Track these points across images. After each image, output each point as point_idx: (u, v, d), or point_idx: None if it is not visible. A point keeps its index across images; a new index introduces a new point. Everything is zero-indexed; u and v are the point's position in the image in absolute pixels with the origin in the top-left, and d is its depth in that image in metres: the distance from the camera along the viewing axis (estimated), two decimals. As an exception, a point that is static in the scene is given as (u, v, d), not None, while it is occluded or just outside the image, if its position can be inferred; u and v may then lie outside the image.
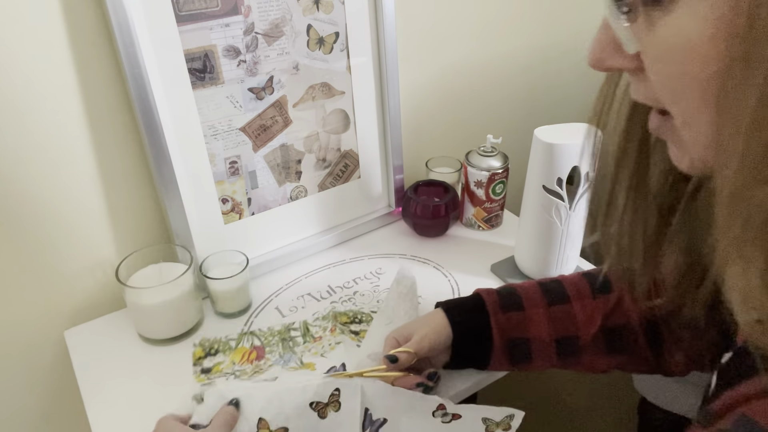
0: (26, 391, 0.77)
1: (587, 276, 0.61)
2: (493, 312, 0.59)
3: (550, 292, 0.59)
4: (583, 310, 0.58)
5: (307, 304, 0.76)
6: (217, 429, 0.50)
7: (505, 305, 0.59)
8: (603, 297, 0.58)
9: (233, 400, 0.52)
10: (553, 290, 0.60)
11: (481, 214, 0.89)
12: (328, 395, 0.54)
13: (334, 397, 0.54)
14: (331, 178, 0.85)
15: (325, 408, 0.54)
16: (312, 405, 0.53)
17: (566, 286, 0.60)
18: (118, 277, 0.67)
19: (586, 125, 0.42)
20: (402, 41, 0.86)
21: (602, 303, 0.58)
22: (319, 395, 0.54)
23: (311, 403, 0.53)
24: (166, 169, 0.69)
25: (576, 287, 0.59)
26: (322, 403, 0.54)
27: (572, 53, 1.12)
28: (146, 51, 0.64)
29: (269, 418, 0.52)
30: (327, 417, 0.53)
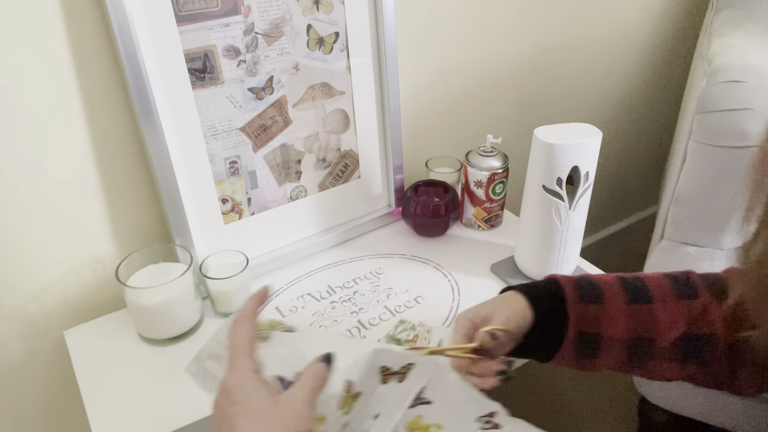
0: (26, 391, 0.77)
1: (670, 277, 0.57)
2: (572, 301, 0.54)
3: (631, 289, 0.55)
4: (665, 313, 0.54)
5: (307, 304, 0.76)
6: (307, 390, 0.41)
7: (584, 296, 0.55)
8: (688, 302, 0.54)
9: (326, 356, 0.44)
10: (635, 287, 0.56)
11: (481, 214, 0.89)
12: (400, 366, 0.49)
13: (405, 369, 0.49)
14: (331, 178, 0.85)
15: (390, 375, 0.49)
16: (381, 369, 0.48)
17: (648, 284, 0.56)
18: (118, 277, 0.67)
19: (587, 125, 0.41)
20: (402, 41, 0.86)
21: (686, 308, 0.54)
22: (392, 362, 0.49)
23: (381, 367, 0.48)
24: (166, 168, 0.69)
25: (659, 287, 0.55)
26: (390, 371, 0.48)
27: (572, 53, 1.12)
28: (146, 51, 0.64)
29: (357, 380, 0.46)
30: (387, 383, 0.48)
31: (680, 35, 1.31)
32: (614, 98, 1.27)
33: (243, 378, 0.41)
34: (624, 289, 0.56)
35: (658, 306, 0.54)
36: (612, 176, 1.40)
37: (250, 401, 0.40)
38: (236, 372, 0.41)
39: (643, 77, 1.30)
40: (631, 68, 1.26)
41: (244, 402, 0.40)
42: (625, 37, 1.20)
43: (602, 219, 1.50)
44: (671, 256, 0.94)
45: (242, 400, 0.40)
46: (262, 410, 0.39)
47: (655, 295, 0.55)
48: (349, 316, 0.74)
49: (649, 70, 1.30)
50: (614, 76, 1.24)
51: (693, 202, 0.91)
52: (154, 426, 0.60)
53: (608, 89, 1.24)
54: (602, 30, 1.14)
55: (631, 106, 1.33)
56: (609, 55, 1.19)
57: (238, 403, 0.40)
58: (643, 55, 1.26)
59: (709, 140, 0.85)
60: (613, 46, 1.18)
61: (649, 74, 1.31)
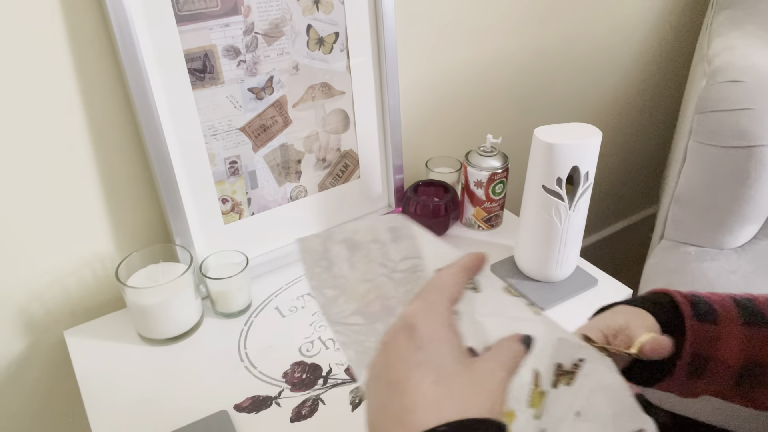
0: (26, 391, 0.77)
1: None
2: (689, 318, 0.49)
3: (746, 310, 0.50)
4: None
5: (307, 304, 0.76)
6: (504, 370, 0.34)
7: (700, 314, 0.50)
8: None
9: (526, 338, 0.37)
10: (749, 308, 0.51)
11: (481, 214, 0.89)
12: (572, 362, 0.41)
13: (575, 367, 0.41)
14: (331, 178, 0.85)
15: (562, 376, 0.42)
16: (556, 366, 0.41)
17: (762, 306, 0.51)
18: (118, 277, 0.67)
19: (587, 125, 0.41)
20: (402, 41, 0.86)
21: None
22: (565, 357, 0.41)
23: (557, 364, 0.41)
24: (166, 169, 0.69)
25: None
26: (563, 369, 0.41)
27: (573, 53, 1.12)
28: (146, 51, 0.64)
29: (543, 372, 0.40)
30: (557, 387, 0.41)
31: (680, 35, 1.31)
32: (614, 98, 1.27)
33: (438, 322, 0.34)
34: (738, 309, 0.51)
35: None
36: (612, 176, 1.40)
37: (440, 355, 0.33)
38: (432, 312, 0.35)
39: (643, 77, 1.30)
40: (631, 68, 1.26)
41: (432, 352, 0.33)
42: (625, 37, 1.20)
43: (602, 219, 1.50)
44: (671, 256, 0.94)
45: (430, 349, 0.33)
46: (452, 372, 0.33)
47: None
48: (349, 316, 0.74)
49: (649, 70, 1.30)
50: (614, 76, 1.24)
51: (693, 202, 0.91)
52: (154, 426, 0.60)
53: (608, 89, 1.24)
54: (602, 30, 1.14)
55: (631, 106, 1.33)
56: (609, 55, 1.19)
57: (425, 349, 0.33)
58: (643, 55, 1.26)
59: (709, 140, 0.85)
60: (613, 46, 1.18)
61: (649, 74, 1.31)
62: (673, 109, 1.32)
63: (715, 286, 0.87)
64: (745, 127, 0.81)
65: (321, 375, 0.66)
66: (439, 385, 0.32)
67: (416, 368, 0.33)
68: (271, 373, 0.66)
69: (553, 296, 0.75)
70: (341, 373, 0.66)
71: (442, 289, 0.36)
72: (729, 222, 0.89)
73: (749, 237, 0.94)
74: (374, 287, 0.43)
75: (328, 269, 0.42)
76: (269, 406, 0.62)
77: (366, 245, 0.42)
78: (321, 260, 0.42)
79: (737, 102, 0.82)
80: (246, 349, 0.70)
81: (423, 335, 0.34)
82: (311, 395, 0.64)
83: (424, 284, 0.38)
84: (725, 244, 0.92)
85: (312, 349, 0.69)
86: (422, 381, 0.32)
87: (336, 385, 0.65)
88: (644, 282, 0.95)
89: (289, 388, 0.64)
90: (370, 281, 0.43)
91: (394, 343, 0.34)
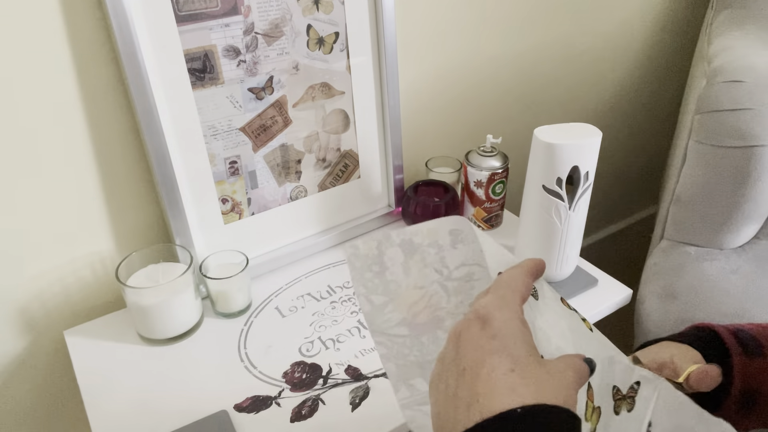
0: (26, 391, 0.77)
1: None
2: (736, 353, 0.48)
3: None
4: None
5: (307, 304, 0.76)
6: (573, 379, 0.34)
7: (746, 347, 0.48)
8: None
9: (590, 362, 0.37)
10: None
11: (481, 214, 0.89)
12: (628, 386, 0.41)
13: (632, 391, 0.41)
14: (331, 178, 0.85)
15: (621, 401, 0.41)
16: (613, 390, 0.41)
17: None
18: (118, 277, 0.67)
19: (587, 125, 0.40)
20: (402, 41, 0.86)
21: None
22: (621, 381, 0.41)
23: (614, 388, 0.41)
24: (166, 169, 0.69)
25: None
26: (621, 394, 0.41)
27: (572, 53, 1.12)
28: (146, 51, 0.64)
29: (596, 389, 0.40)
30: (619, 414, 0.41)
31: (680, 35, 1.31)
32: (614, 98, 1.27)
33: (510, 314, 0.35)
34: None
35: None
36: (612, 176, 1.40)
37: (515, 345, 0.34)
38: (505, 306, 0.36)
39: (643, 77, 1.30)
40: (631, 68, 1.26)
41: (506, 341, 0.34)
42: (625, 37, 1.20)
43: (602, 219, 1.50)
44: (671, 256, 0.94)
45: (505, 338, 0.34)
46: (526, 362, 0.33)
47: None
48: (349, 316, 0.74)
49: (649, 70, 1.30)
50: (614, 76, 1.24)
51: (693, 202, 0.91)
52: (154, 426, 0.60)
53: (608, 89, 1.24)
54: (602, 30, 1.14)
55: (631, 106, 1.33)
56: (609, 55, 1.19)
57: (499, 338, 0.34)
58: (643, 55, 1.26)
59: (709, 140, 0.85)
60: (613, 46, 1.18)
61: (649, 74, 1.31)
62: (673, 109, 1.32)
63: (715, 286, 0.87)
64: (745, 127, 0.81)
65: (321, 375, 0.66)
66: (515, 372, 0.32)
67: (490, 356, 0.33)
68: (271, 373, 0.66)
69: (553, 296, 0.75)
70: (341, 373, 0.66)
71: (512, 286, 0.37)
72: (729, 222, 0.89)
73: (749, 237, 0.94)
74: (426, 295, 0.42)
75: (381, 274, 0.41)
76: (269, 406, 0.62)
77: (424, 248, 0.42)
78: (373, 265, 0.41)
79: (737, 102, 0.82)
80: (246, 349, 0.70)
81: (497, 326, 0.34)
82: (311, 395, 0.64)
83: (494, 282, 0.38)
84: (725, 244, 0.92)
85: (312, 349, 0.69)
86: (497, 367, 0.32)
87: (336, 385, 0.65)
88: (644, 282, 0.95)
89: (289, 388, 0.64)
90: (423, 288, 0.43)
91: (467, 333, 0.35)
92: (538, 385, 0.32)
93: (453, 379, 0.34)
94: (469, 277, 0.43)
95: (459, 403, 0.33)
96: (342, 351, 0.69)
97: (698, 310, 0.85)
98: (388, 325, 0.42)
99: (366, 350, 0.69)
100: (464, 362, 0.34)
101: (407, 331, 0.41)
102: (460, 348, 0.35)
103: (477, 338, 0.34)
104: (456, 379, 0.34)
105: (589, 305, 0.75)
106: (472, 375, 0.33)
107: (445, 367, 0.36)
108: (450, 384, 0.34)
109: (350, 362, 0.67)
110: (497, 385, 0.32)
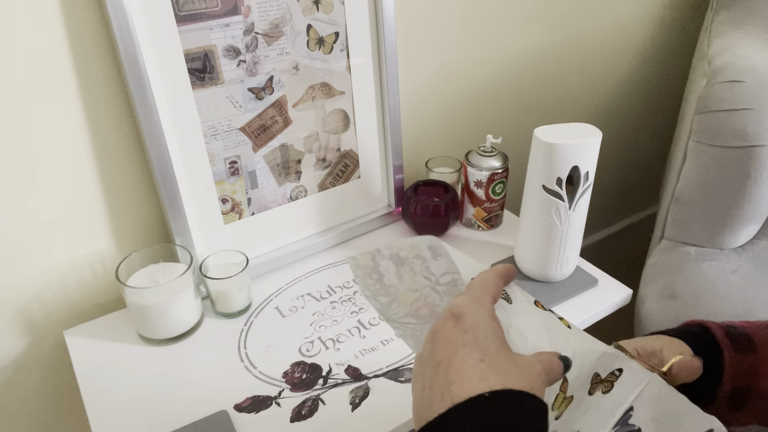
0: (26, 391, 0.77)
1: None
2: (726, 349, 0.49)
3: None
4: None
5: (307, 304, 0.76)
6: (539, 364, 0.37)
7: (738, 344, 0.49)
8: None
9: (566, 360, 0.40)
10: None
11: (481, 214, 0.89)
12: (608, 371, 0.43)
13: (612, 376, 0.43)
14: (331, 178, 0.85)
15: (597, 384, 0.43)
16: (593, 376, 0.43)
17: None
18: (118, 277, 0.67)
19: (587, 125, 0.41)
20: (402, 41, 0.86)
21: None
22: (601, 367, 0.43)
23: (594, 374, 0.43)
24: (166, 169, 0.69)
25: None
26: (599, 378, 0.43)
27: (572, 53, 1.12)
28: (146, 51, 0.64)
29: (570, 380, 0.42)
30: (593, 395, 0.43)
31: (680, 35, 1.31)
32: (614, 98, 1.27)
33: (481, 311, 0.38)
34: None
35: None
36: (612, 176, 1.40)
37: (485, 338, 0.37)
38: (476, 303, 0.39)
39: (643, 77, 1.30)
40: (631, 68, 1.26)
41: (477, 335, 0.37)
42: (625, 37, 1.20)
43: (602, 219, 1.50)
44: (671, 256, 0.94)
45: (476, 332, 0.37)
46: (496, 354, 0.36)
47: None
48: (349, 316, 0.74)
49: (649, 70, 1.30)
50: (614, 75, 1.24)
51: (693, 202, 0.91)
52: (154, 426, 0.60)
53: (608, 89, 1.24)
54: (602, 30, 1.14)
55: (631, 106, 1.33)
56: (609, 55, 1.19)
57: (471, 332, 0.37)
58: (643, 55, 1.26)
59: (709, 140, 0.85)
60: (613, 46, 1.18)
61: (649, 74, 1.31)
62: (673, 109, 1.32)
63: (715, 286, 0.87)
64: (745, 127, 0.81)
65: (321, 375, 0.66)
66: (483, 363, 0.35)
67: (462, 348, 0.36)
68: (271, 373, 0.66)
69: (553, 296, 0.75)
70: (341, 373, 0.66)
71: (484, 287, 0.40)
72: (729, 222, 0.89)
73: (749, 237, 0.94)
74: (422, 296, 0.47)
75: (380, 281, 0.46)
76: (269, 406, 0.62)
77: (410, 260, 0.46)
78: (373, 273, 0.46)
79: (737, 102, 0.82)
80: (246, 349, 0.70)
81: (468, 321, 0.37)
82: (311, 395, 0.64)
83: (468, 284, 0.41)
84: (725, 244, 0.92)
85: (312, 349, 0.69)
86: (467, 358, 0.35)
87: (336, 385, 0.65)
88: (644, 282, 0.95)
89: (289, 388, 0.64)
90: (418, 291, 0.47)
91: (442, 330, 0.38)
92: (506, 374, 0.35)
93: (429, 374, 0.37)
94: (454, 283, 0.47)
95: (434, 393, 0.35)
96: (342, 351, 0.69)
97: (698, 309, 0.85)
98: (397, 316, 0.46)
99: (366, 350, 0.69)
100: (439, 356, 0.37)
101: (415, 320, 0.46)
102: (436, 344, 0.38)
103: (451, 333, 0.37)
104: (432, 373, 0.37)
105: (589, 305, 0.75)
106: (445, 366, 0.36)
107: (422, 363, 0.38)
108: (426, 378, 0.37)
109: (350, 362, 0.67)
110: (467, 374, 0.34)
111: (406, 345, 0.56)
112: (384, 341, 0.70)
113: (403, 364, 0.67)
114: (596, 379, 0.43)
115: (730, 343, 0.49)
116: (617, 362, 0.43)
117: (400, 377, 0.65)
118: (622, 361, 0.42)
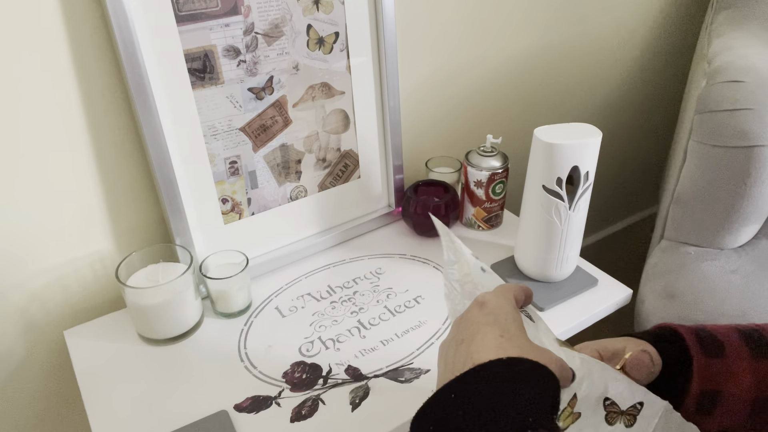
0: (26, 391, 0.77)
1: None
2: (696, 354, 0.49)
3: (753, 341, 0.50)
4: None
5: (307, 304, 0.76)
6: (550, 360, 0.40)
7: (707, 349, 0.49)
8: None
9: (573, 371, 0.43)
10: (756, 339, 0.50)
11: (481, 214, 0.89)
12: (628, 404, 0.44)
13: (634, 410, 0.44)
14: (331, 178, 0.85)
15: (617, 415, 0.45)
16: (606, 402, 0.44)
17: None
18: (118, 277, 0.67)
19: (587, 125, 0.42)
20: (402, 41, 0.86)
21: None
22: (620, 397, 0.44)
23: (605, 399, 0.44)
24: (166, 169, 0.69)
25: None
26: (618, 408, 0.44)
27: (572, 53, 1.12)
28: (146, 51, 0.64)
29: (580, 397, 0.43)
30: (612, 425, 0.44)
31: (680, 35, 1.31)
32: (614, 98, 1.27)
33: (503, 300, 0.43)
34: (744, 340, 0.50)
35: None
36: (612, 176, 1.40)
37: (506, 320, 0.41)
38: (500, 296, 0.44)
39: (643, 77, 1.30)
40: (631, 68, 1.26)
41: (499, 317, 0.41)
42: (625, 37, 1.20)
43: (602, 219, 1.50)
44: (671, 256, 0.94)
45: (498, 315, 0.41)
46: (516, 334, 0.40)
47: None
48: (349, 316, 0.74)
49: (649, 70, 1.30)
50: (614, 75, 1.24)
51: (693, 202, 0.91)
52: (154, 426, 0.60)
53: (608, 89, 1.24)
54: (602, 30, 1.14)
55: (631, 106, 1.33)
56: (609, 55, 1.19)
57: (493, 314, 0.41)
58: (642, 55, 1.26)
59: (709, 140, 0.85)
60: (612, 46, 1.18)
61: (649, 74, 1.31)
62: (673, 109, 1.32)
63: (715, 286, 0.87)
64: (745, 127, 0.81)
65: (321, 375, 0.66)
66: (503, 338, 0.39)
67: (484, 326, 0.40)
68: (271, 373, 0.66)
69: (553, 296, 0.75)
70: (341, 373, 0.66)
71: (507, 287, 0.45)
72: (729, 222, 0.89)
73: (749, 237, 0.94)
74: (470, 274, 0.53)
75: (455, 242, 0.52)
76: (269, 406, 0.62)
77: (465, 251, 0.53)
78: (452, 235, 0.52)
79: (737, 102, 0.82)
80: (246, 349, 0.70)
81: (491, 306, 0.42)
82: (311, 395, 0.64)
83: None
84: (725, 244, 0.92)
85: (312, 349, 0.69)
86: (489, 334, 0.39)
87: (336, 385, 0.65)
88: (644, 282, 0.95)
89: (289, 388, 0.64)
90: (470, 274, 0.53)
91: (467, 315, 0.43)
92: (523, 350, 0.38)
93: (452, 352, 0.41)
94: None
95: (456, 365, 0.39)
96: (342, 351, 0.69)
97: (698, 310, 0.85)
98: (451, 277, 0.52)
99: (366, 350, 0.69)
100: (462, 335, 0.41)
101: (460, 290, 0.52)
102: (460, 327, 0.42)
103: (474, 316, 0.42)
104: (454, 350, 0.41)
105: (589, 305, 0.75)
106: (467, 343, 0.40)
107: (446, 345, 0.42)
108: (449, 355, 0.41)
109: (350, 362, 0.67)
110: (488, 345, 0.39)
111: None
112: (384, 341, 0.70)
113: (403, 364, 0.67)
114: (613, 407, 0.45)
115: (700, 346, 0.49)
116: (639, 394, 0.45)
117: (400, 377, 0.65)
118: (643, 394, 0.45)
